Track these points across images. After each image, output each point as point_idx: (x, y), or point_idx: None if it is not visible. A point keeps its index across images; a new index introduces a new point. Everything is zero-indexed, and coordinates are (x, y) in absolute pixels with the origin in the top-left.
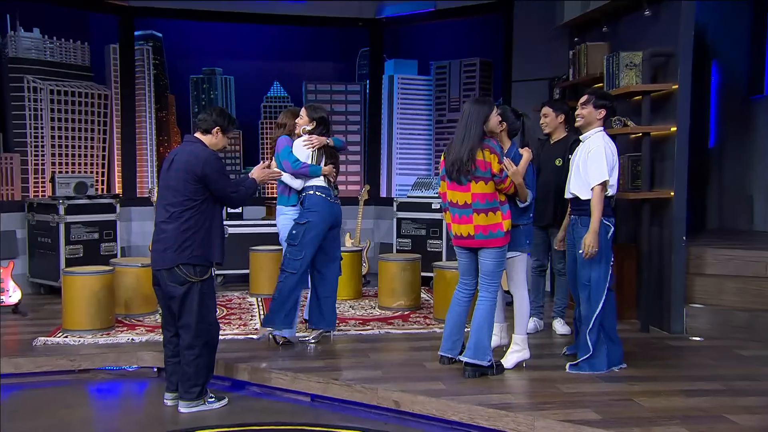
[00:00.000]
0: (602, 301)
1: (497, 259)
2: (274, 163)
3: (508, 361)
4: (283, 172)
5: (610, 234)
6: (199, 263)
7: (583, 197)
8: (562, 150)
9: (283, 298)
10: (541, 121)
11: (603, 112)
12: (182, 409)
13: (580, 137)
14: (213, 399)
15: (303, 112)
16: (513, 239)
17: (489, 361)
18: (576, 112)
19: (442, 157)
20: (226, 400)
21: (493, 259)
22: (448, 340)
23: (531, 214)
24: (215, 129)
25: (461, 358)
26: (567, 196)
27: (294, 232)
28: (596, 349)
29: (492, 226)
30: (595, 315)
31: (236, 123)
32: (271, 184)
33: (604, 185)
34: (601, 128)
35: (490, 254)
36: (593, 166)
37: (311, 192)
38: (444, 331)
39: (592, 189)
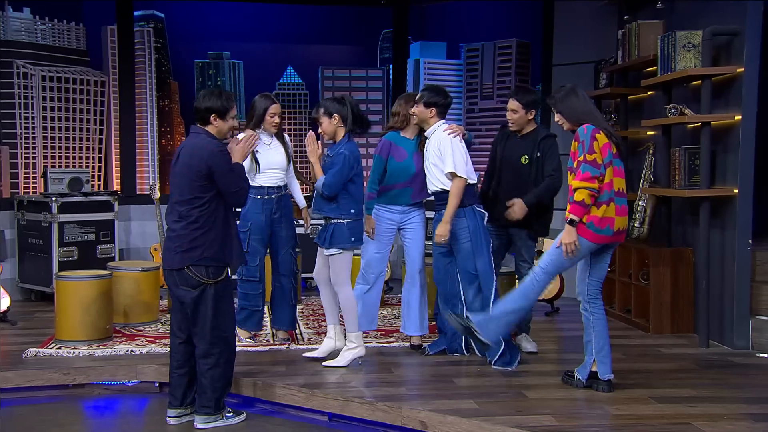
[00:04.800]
0: (494, 289)
1: None
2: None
3: (344, 358)
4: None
5: (486, 220)
6: (212, 264)
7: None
8: (530, 146)
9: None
10: (507, 116)
11: (433, 111)
12: (198, 425)
13: (425, 134)
14: (231, 414)
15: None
16: (336, 234)
17: None
18: (410, 110)
19: (606, 140)
20: (245, 415)
21: None
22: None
23: (352, 210)
24: (212, 116)
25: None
26: (431, 190)
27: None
28: (506, 342)
29: None
30: (491, 304)
31: (232, 97)
32: None
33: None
34: (442, 121)
35: None
36: (450, 156)
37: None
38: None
39: (453, 178)
